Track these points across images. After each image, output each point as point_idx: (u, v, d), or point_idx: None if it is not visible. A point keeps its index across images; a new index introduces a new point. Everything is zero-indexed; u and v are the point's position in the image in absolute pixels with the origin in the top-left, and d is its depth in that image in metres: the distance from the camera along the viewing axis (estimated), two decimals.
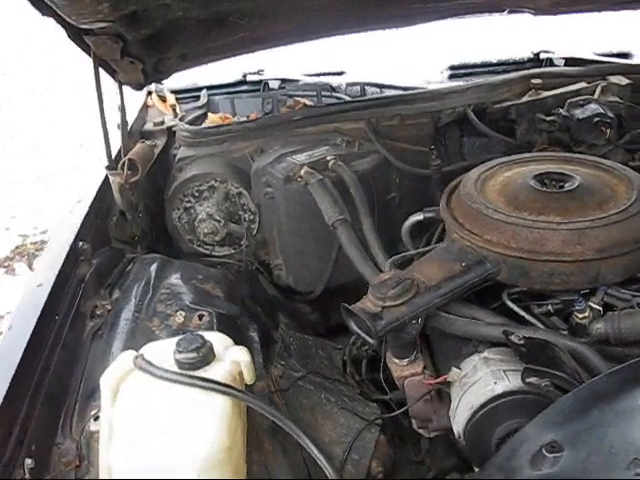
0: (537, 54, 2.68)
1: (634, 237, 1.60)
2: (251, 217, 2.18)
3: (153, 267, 1.84)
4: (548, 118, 2.17)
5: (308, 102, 2.51)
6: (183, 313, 1.65)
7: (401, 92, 2.31)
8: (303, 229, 2.10)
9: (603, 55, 2.53)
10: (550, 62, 2.62)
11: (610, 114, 2.07)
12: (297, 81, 2.65)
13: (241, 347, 1.34)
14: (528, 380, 1.40)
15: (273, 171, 2.06)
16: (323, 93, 2.55)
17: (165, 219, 2.28)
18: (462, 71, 2.63)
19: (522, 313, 1.63)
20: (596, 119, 2.05)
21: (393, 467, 1.72)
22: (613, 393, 1.17)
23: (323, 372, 1.85)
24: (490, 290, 1.69)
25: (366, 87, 2.54)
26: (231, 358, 1.31)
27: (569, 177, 1.79)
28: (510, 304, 1.66)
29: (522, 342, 1.47)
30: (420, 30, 2.30)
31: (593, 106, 2.10)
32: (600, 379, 1.22)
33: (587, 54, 2.54)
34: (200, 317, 1.65)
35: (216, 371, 1.28)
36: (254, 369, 1.34)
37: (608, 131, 2.06)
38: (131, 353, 1.31)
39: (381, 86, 2.53)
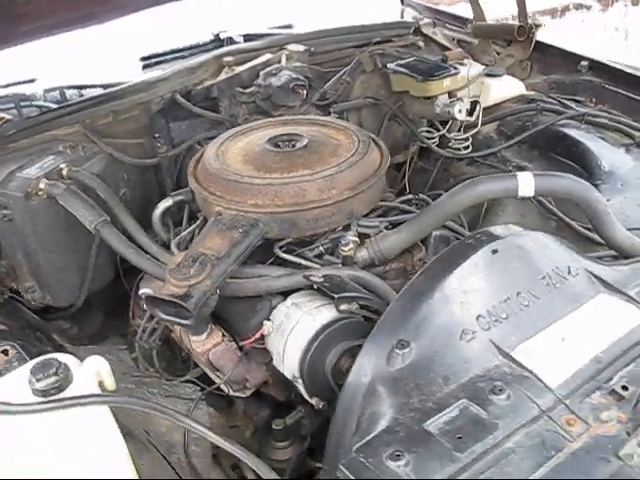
0: (217, 35, 2.87)
1: (371, 172, 1.91)
2: None
3: None
4: (247, 90, 2.39)
5: (7, 116, 2.36)
6: None
7: (110, 89, 2.31)
8: (55, 244, 2.01)
9: (273, 28, 2.84)
10: (231, 40, 2.84)
11: (301, 77, 2.36)
12: None
13: (95, 356, 1.32)
14: (341, 308, 1.61)
15: (7, 192, 1.93)
16: (22, 104, 2.42)
17: None
18: (154, 60, 2.70)
19: (297, 260, 1.85)
20: (292, 83, 2.33)
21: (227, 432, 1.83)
22: (429, 288, 1.45)
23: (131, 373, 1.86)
24: (259, 249, 1.86)
25: (65, 91, 2.47)
26: (90, 370, 1.29)
27: (297, 136, 2.03)
28: (284, 255, 1.86)
29: (322, 279, 1.69)
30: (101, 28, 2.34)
31: (286, 72, 2.37)
32: (415, 281, 1.48)
33: (261, 29, 2.81)
34: (5, 352, 1.54)
35: (83, 386, 1.26)
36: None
37: (304, 92, 2.36)
38: None
39: (80, 87, 2.49)
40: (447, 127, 2.47)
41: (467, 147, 2.44)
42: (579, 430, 1.25)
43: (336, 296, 1.60)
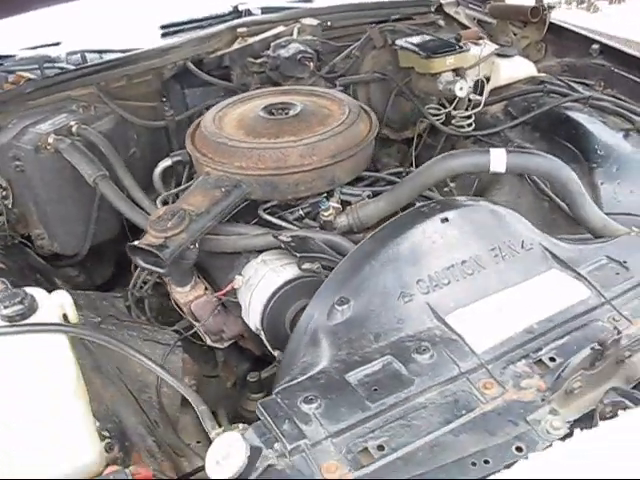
0: (236, 6, 2.99)
1: (355, 142, 1.99)
2: (3, 193, 2.20)
3: None
4: (258, 61, 2.49)
5: (31, 76, 2.53)
6: None
7: (125, 54, 2.45)
8: (62, 195, 2.17)
9: (291, 2, 2.92)
10: (249, 12, 2.94)
11: (309, 50, 2.44)
12: (13, 56, 2.64)
13: (61, 291, 1.45)
14: (303, 267, 1.71)
15: (20, 144, 2.10)
16: (45, 65, 2.59)
17: None
18: (173, 29, 2.84)
19: (278, 222, 1.94)
20: (299, 55, 2.41)
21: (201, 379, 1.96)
22: (376, 250, 1.53)
23: (116, 316, 2.00)
24: (246, 209, 1.97)
25: (86, 54, 2.63)
26: (54, 302, 1.43)
27: (291, 105, 2.12)
28: (266, 216, 1.96)
29: (290, 239, 1.78)
30: None
31: (294, 45, 2.45)
32: (364, 243, 1.56)
33: (279, 2, 2.90)
34: None
35: (46, 315, 1.39)
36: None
37: (311, 64, 2.44)
38: None
39: (100, 51, 2.65)
40: (453, 105, 2.50)
41: (470, 125, 2.47)
42: (494, 394, 1.31)
43: (298, 255, 1.70)
